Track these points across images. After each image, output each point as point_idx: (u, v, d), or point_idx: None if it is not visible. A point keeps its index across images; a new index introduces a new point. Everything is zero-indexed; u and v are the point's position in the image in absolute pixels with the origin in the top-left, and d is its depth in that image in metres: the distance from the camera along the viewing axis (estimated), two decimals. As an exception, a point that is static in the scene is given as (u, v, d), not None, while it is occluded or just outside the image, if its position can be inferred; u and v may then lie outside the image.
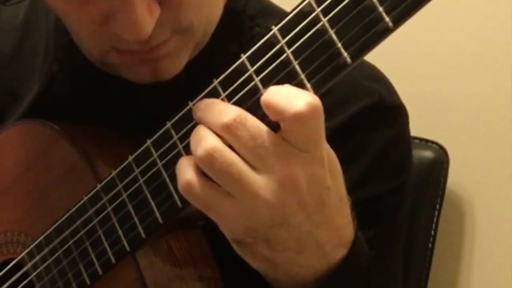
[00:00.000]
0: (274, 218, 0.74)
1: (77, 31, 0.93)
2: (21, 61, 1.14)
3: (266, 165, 0.71)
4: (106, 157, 0.95)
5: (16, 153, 1.04)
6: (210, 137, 0.73)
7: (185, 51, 0.94)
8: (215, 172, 0.73)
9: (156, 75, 0.93)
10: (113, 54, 0.91)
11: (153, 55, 0.90)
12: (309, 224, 0.75)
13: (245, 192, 0.72)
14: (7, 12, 1.18)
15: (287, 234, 0.76)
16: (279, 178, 0.71)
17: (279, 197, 0.72)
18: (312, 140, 0.71)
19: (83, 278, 0.92)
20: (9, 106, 1.14)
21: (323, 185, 0.74)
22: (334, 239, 0.80)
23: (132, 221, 0.87)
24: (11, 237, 1.02)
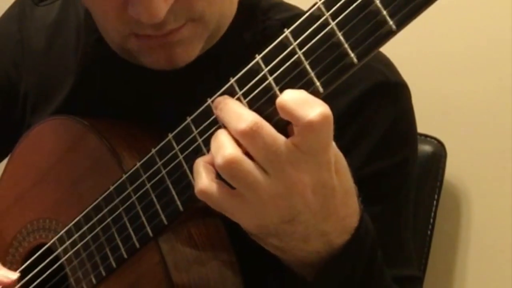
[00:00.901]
0: (282, 217, 0.76)
1: (101, 18, 0.94)
2: (52, 58, 1.14)
3: (277, 171, 0.73)
4: (131, 150, 0.95)
5: (48, 146, 1.04)
6: (229, 146, 0.74)
7: (198, 40, 0.94)
8: (232, 179, 0.74)
9: (171, 61, 0.93)
10: (132, 40, 0.92)
11: (168, 40, 0.90)
12: (314, 220, 0.77)
13: (257, 196, 0.74)
14: (40, 12, 1.18)
15: (294, 228, 0.78)
16: (288, 183, 0.73)
17: (287, 200, 0.74)
18: (321, 147, 0.72)
19: (110, 262, 0.92)
20: (43, 100, 1.14)
21: (328, 187, 0.76)
22: (338, 228, 0.81)
23: (154, 208, 0.87)
24: (43, 224, 1.02)
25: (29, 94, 1.16)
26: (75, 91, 1.10)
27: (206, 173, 0.77)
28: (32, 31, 1.17)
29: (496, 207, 1.55)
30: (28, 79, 1.16)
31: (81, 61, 1.10)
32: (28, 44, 1.17)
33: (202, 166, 0.78)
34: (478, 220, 1.57)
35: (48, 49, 1.15)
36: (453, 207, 1.58)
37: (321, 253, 0.82)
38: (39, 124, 1.06)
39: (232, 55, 0.82)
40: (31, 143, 1.07)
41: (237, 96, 0.77)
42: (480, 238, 1.57)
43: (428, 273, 1.49)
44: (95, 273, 0.95)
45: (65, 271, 0.99)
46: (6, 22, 1.21)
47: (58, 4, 1.17)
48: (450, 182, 1.56)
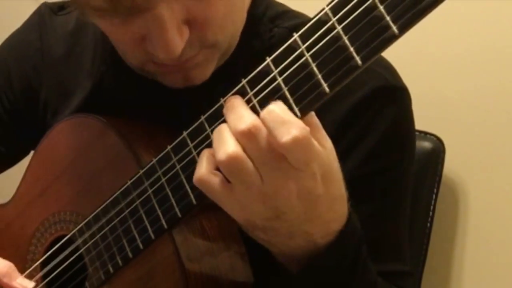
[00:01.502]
0: (268, 215, 0.78)
1: (119, 46, 0.95)
2: (71, 64, 1.14)
3: (267, 173, 0.74)
4: (147, 146, 0.95)
5: (69, 142, 1.04)
6: (231, 143, 0.75)
7: (212, 61, 0.95)
8: (230, 174, 0.76)
9: (187, 82, 0.94)
10: (150, 64, 0.93)
11: (184, 66, 0.91)
12: (298, 220, 0.79)
13: (248, 194, 0.76)
14: (59, 21, 1.18)
15: (279, 225, 0.80)
16: (275, 186, 0.75)
17: (273, 200, 0.76)
18: (302, 162, 0.73)
19: (127, 252, 0.93)
20: (62, 102, 1.14)
21: (313, 194, 0.77)
22: (322, 230, 0.83)
23: (169, 202, 0.88)
24: (63, 216, 1.03)
25: (49, 98, 1.16)
26: (92, 94, 1.10)
27: (207, 163, 0.78)
28: (52, 39, 1.17)
29: (492, 200, 1.55)
30: (49, 84, 1.16)
31: (99, 67, 1.10)
32: (48, 52, 1.17)
33: (205, 156, 0.79)
34: (475, 212, 1.57)
35: (67, 56, 1.15)
36: (451, 200, 1.58)
37: (304, 249, 0.84)
38: (60, 122, 1.07)
39: (243, 63, 0.83)
40: (53, 141, 1.07)
41: (248, 96, 0.78)
42: (477, 230, 1.57)
43: (427, 264, 1.50)
44: (112, 263, 0.95)
45: (84, 261, 0.99)
46: (26, 31, 1.21)
47: (76, 13, 1.17)
48: (449, 176, 1.56)
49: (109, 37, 0.95)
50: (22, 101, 1.20)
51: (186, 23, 0.86)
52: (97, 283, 0.97)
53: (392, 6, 0.68)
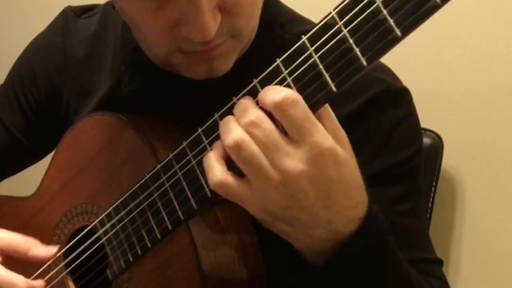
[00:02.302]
0: (284, 203, 0.76)
1: (147, 35, 0.93)
2: (92, 65, 1.15)
3: (275, 160, 0.73)
4: (164, 143, 0.96)
5: (90, 139, 1.04)
6: (238, 130, 0.75)
7: (234, 53, 0.95)
8: (239, 159, 0.75)
9: (210, 73, 0.94)
10: (177, 55, 0.92)
11: (211, 54, 0.91)
12: (316, 207, 0.76)
13: (262, 183, 0.75)
14: (82, 24, 1.19)
15: (297, 214, 0.77)
16: (285, 173, 0.73)
17: (286, 187, 0.74)
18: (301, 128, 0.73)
19: (145, 242, 0.93)
20: (83, 101, 1.15)
21: (325, 177, 0.75)
22: (342, 217, 0.80)
23: (185, 194, 0.88)
24: (85, 208, 1.03)
25: (71, 97, 1.17)
26: (111, 93, 1.11)
27: (219, 165, 0.78)
28: (74, 41, 1.18)
29: (488, 193, 1.55)
30: (71, 84, 1.17)
31: (118, 67, 1.10)
32: (70, 53, 1.17)
33: (213, 160, 0.78)
34: (472, 205, 1.57)
35: (89, 57, 1.16)
36: (449, 193, 1.58)
37: (327, 240, 0.81)
38: (81, 120, 1.07)
39: (254, 66, 0.83)
40: (74, 137, 1.08)
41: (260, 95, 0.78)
42: (474, 222, 1.57)
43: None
44: (132, 252, 0.95)
45: (105, 250, 0.99)
46: (50, 33, 1.22)
47: (97, 16, 1.18)
48: (447, 171, 1.56)
49: (135, 27, 0.95)
50: (46, 99, 1.21)
51: (218, 8, 0.86)
52: (118, 271, 0.98)
53: (395, 10, 0.69)
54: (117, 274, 0.98)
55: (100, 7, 1.20)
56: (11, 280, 0.98)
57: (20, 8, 2.40)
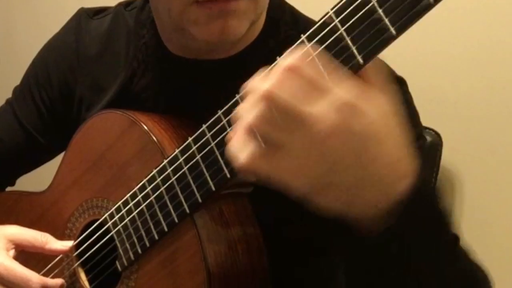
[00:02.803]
0: (323, 168, 0.68)
1: None
2: (104, 62, 1.15)
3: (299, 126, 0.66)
4: (170, 138, 0.96)
5: (99, 136, 1.05)
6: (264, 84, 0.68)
7: (247, 18, 0.93)
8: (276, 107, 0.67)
9: (224, 33, 0.91)
10: (193, 8, 0.90)
11: (226, 8, 0.89)
12: (355, 167, 0.69)
13: (294, 145, 0.68)
14: (94, 24, 1.19)
15: (340, 177, 0.69)
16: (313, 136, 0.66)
17: (318, 150, 0.67)
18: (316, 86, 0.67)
19: (153, 234, 0.94)
20: (95, 98, 1.15)
21: (352, 131, 0.67)
22: (389, 173, 0.71)
23: (191, 188, 0.89)
24: (96, 202, 1.04)
25: (84, 95, 1.17)
26: (124, 88, 1.11)
27: (245, 147, 0.70)
28: (87, 40, 1.18)
29: (487, 191, 1.55)
30: (83, 82, 1.18)
31: (131, 63, 1.11)
32: (83, 52, 1.18)
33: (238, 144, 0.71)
34: (471, 203, 1.56)
35: (100, 55, 1.16)
36: (448, 190, 1.58)
37: (382, 202, 0.72)
38: (91, 118, 1.07)
39: (258, 59, 0.83)
40: (85, 134, 1.08)
41: None
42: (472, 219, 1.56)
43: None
44: (140, 244, 0.96)
45: (114, 242, 1.00)
46: (64, 34, 1.22)
47: (109, 16, 1.18)
48: (446, 168, 1.55)
49: None
50: (60, 97, 1.21)
51: None
52: (127, 262, 0.98)
53: (390, 9, 0.69)
54: (126, 266, 0.99)
55: (112, 9, 1.20)
56: (26, 276, 0.99)
57: (36, 11, 2.41)
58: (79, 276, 1.06)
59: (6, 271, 0.99)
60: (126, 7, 1.18)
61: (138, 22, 1.12)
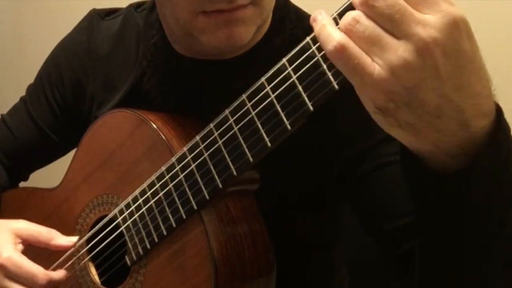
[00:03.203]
0: (412, 80, 0.62)
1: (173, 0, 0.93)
2: (115, 62, 1.16)
3: (403, 30, 0.62)
4: (179, 137, 0.96)
5: (110, 134, 1.05)
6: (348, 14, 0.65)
7: (254, 23, 0.94)
8: (358, 36, 0.64)
9: (231, 39, 0.92)
10: (200, 18, 0.91)
11: (233, 16, 0.90)
12: (448, 88, 0.63)
13: (385, 53, 0.63)
14: (105, 25, 1.20)
15: (425, 96, 0.63)
16: (416, 41, 0.61)
17: (416, 59, 0.62)
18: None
19: (162, 230, 0.94)
20: (106, 96, 1.15)
21: (460, 48, 0.62)
22: (473, 106, 0.65)
23: (198, 186, 0.90)
24: (106, 199, 1.04)
25: (95, 93, 1.18)
26: (134, 86, 1.11)
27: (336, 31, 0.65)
28: (98, 40, 1.18)
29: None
30: (94, 80, 1.18)
31: (141, 62, 1.11)
32: (94, 51, 1.18)
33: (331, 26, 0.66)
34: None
35: (111, 55, 1.16)
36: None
37: (458, 136, 0.67)
38: (102, 116, 1.08)
39: (265, 56, 0.83)
40: (96, 132, 1.09)
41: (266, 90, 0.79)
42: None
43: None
44: (149, 239, 0.96)
45: (124, 238, 1.00)
46: (77, 33, 1.23)
47: (120, 18, 1.18)
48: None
49: None
50: (72, 95, 1.22)
51: None
52: (136, 257, 0.98)
53: None
54: (135, 260, 0.99)
55: (123, 10, 1.21)
56: (33, 271, 0.99)
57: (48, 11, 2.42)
58: (89, 271, 1.07)
59: (14, 266, 0.99)
60: (137, 8, 1.18)
61: (147, 23, 1.12)
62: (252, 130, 0.82)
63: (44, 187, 1.21)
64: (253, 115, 0.81)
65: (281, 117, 0.78)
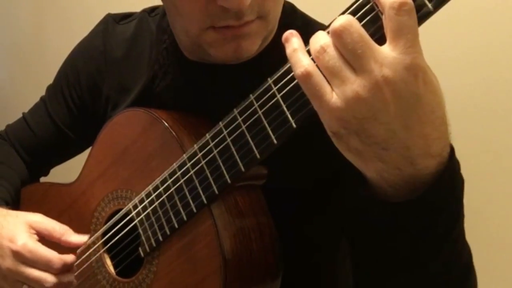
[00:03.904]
0: (363, 113, 0.65)
1: (184, 13, 0.93)
2: (129, 64, 1.16)
3: (362, 66, 0.64)
4: (189, 135, 0.97)
5: (124, 132, 1.05)
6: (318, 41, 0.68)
7: (260, 36, 0.94)
8: (323, 64, 0.67)
9: (237, 53, 0.93)
10: (209, 32, 0.91)
11: (240, 31, 0.90)
12: (395, 124, 0.66)
13: (342, 85, 0.65)
14: (120, 29, 1.20)
15: (374, 129, 0.66)
16: (370, 78, 0.64)
17: (367, 93, 0.64)
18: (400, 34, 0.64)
19: (173, 223, 0.95)
20: (121, 97, 1.16)
21: (412, 91, 0.64)
22: (421, 146, 0.67)
23: (208, 181, 0.90)
24: (120, 194, 1.05)
25: (110, 94, 1.18)
26: (147, 88, 1.11)
27: (307, 57, 0.69)
28: (113, 44, 1.19)
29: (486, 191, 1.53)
30: (110, 82, 1.18)
31: (153, 65, 1.11)
32: (109, 54, 1.19)
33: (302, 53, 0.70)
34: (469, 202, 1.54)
35: (126, 57, 1.17)
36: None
37: (402, 171, 0.69)
38: (117, 115, 1.08)
39: (272, 62, 0.83)
40: (111, 130, 1.09)
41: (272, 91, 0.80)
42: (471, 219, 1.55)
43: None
44: (161, 232, 0.96)
45: (137, 231, 1.00)
46: (93, 37, 1.23)
47: (134, 22, 1.19)
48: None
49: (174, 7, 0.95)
50: (88, 96, 1.22)
51: None
52: (149, 249, 0.99)
53: None
54: (148, 252, 0.99)
55: (137, 14, 1.21)
56: (47, 256, 1.00)
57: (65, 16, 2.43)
58: (105, 262, 1.07)
59: (29, 252, 1.00)
60: (150, 13, 1.19)
61: (160, 28, 1.12)
62: (259, 128, 0.83)
63: (61, 182, 1.21)
64: (260, 114, 0.82)
65: (286, 116, 0.78)
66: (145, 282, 0.99)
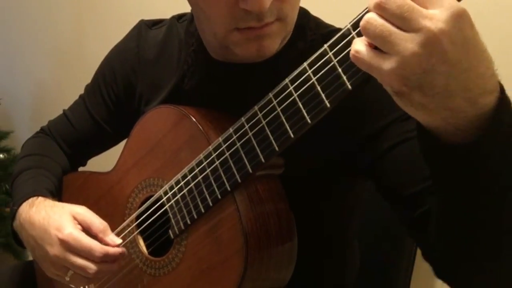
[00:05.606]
0: (422, 67, 0.63)
1: (211, 16, 0.94)
2: (161, 65, 1.16)
3: (413, 25, 0.62)
4: (215, 129, 0.97)
5: (156, 126, 1.06)
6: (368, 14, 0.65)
7: (279, 37, 0.95)
8: (372, 34, 0.64)
9: (260, 51, 0.93)
10: (234, 33, 0.92)
11: (262, 32, 0.91)
12: (455, 71, 0.63)
13: (396, 47, 0.63)
14: (152, 33, 1.20)
15: (435, 80, 0.63)
16: (425, 33, 0.61)
17: (424, 48, 0.62)
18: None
19: (200, 208, 0.95)
20: (153, 95, 1.16)
21: (464, 36, 0.62)
22: (479, 85, 0.65)
23: (231, 171, 0.91)
24: (152, 181, 1.05)
25: (143, 92, 1.19)
26: (176, 86, 1.12)
27: (358, 41, 0.67)
28: (146, 47, 1.19)
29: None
30: (143, 81, 1.19)
31: (182, 66, 1.11)
32: (143, 56, 1.19)
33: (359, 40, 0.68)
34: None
35: (158, 59, 1.17)
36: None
37: (467, 113, 0.66)
38: (149, 111, 1.08)
39: (289, 60, 0.83)
40: (144, 125, 1.09)
41: (289, 90, 0.79)
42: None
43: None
44: (189, 216, 0.97)
45: (168, 215, 1.01)
46: (128, 40, 1.23)
47: (164, 28, 1.19)
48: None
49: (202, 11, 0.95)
50: (123, 94, 1.23)
51: None
52: (178, 231, 0.99)
53: None
54: (177, 234, 0.99)
55: (167, 21, 1.21)
56: (91, 245, 0.99)
57: (103, 22, 2.43)
58: (138, 243, 1.08)
59: (74, 241, 1.00)
60: (179, 19, 1.19)
61: (187, 32, 1.12)
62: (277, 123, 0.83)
63: (100, 171, 1.22)
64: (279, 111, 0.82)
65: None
66: (175, 261, 1.00)
